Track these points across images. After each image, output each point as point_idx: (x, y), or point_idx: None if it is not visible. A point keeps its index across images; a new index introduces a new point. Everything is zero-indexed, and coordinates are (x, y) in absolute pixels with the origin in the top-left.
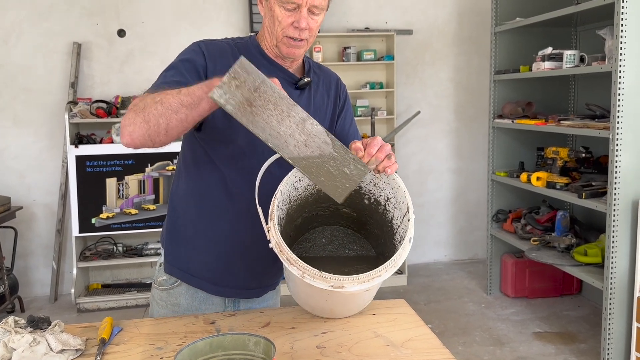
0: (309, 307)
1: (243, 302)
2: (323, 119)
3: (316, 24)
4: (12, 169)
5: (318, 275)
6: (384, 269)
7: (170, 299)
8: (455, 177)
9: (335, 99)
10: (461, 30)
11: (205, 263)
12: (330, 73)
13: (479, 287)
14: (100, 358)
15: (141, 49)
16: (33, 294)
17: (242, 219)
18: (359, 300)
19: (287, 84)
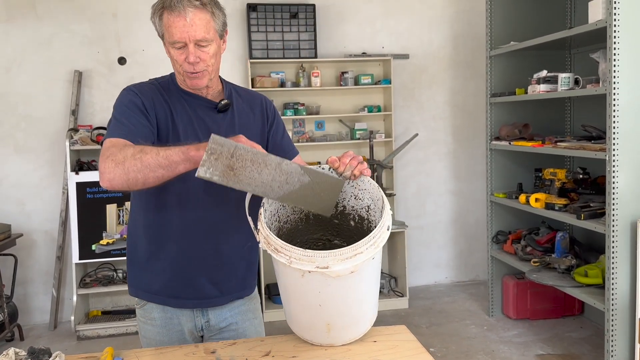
0: (306, 330)
1: (211, 310)
2: (251, 135)
3: (208, 55)
4: (13, 197)
5: (303, 256)
6: (364, 244)
7: (146, 314)
8: (454, 198)
9: (262, 116)
10: (457, 54)
11: (164, 282)
12: (255, 94)
13: (481, 309)
14: None
15: (141, 76)
16: (32, 321)
17: (190, 238)
18: (354, 309)
19: (207, 109)
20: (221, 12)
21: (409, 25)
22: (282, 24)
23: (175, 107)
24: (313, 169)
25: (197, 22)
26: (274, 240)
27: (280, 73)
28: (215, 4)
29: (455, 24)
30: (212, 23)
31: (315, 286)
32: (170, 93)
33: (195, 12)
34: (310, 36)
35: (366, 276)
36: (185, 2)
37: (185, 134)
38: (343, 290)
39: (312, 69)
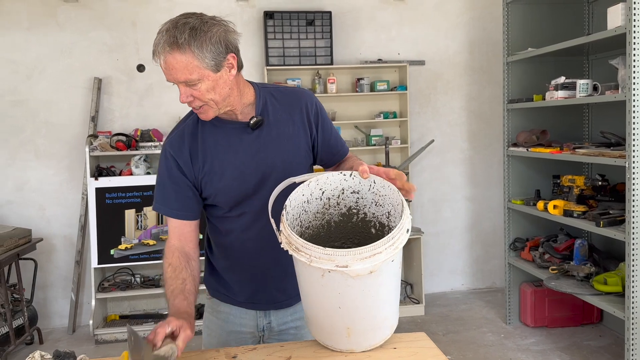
0: (326, 334)
1: (273, 313)
2: (292, 144)
3: (200, 92)
4: (33, 202)
5: (324, 254)
6: (382, 245)
7: (214, 306)
8: (470, 205)
9: (303, 121)
10: (472, 60)
11: (239, 289)
12: (295, 97)
13: (498, 316)
14: None
15: (159, 83)
16: (52, 325)
17: (253, 254)
18: (373, 313)
19: (239, 131)
20: (211, 44)
21: (425, 32)
22: (299, 31)
23: (209, 142)
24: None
25: (175, 65)
26: (295, 240)
27: (297, 80)
28: (198, 40)
29: (471, 30)
30: (194, 62)
31: (335, 286)
32: (204, 125)
33: (170, 56)
34: (326, 43)
35: (386, 279)
36: (160, 47)
37: (221, 168)
38: (363, 292)
39: (328, 75)
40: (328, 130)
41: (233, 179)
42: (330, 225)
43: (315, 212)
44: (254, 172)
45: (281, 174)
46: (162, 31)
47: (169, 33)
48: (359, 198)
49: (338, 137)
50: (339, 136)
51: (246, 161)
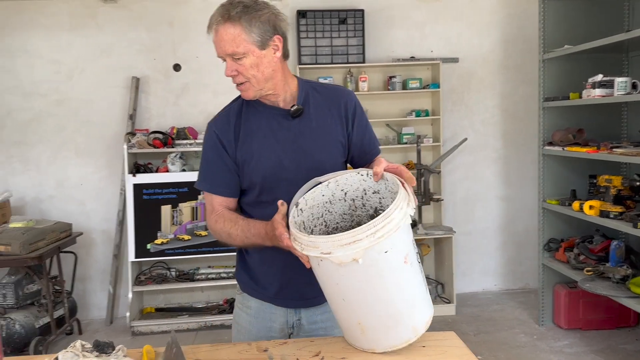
0: (345, 331)
1: (304, 310)
2: (327, 136)
3: (244, 67)
4: (74, 197)
5: (309, 242)
6: (362, 232)
7: (244, 301)
8: (504, 204)
9: (341, 117)
10: (507, 58)
11: (272, 284)
12: (336, 93)
13: (531, 317)
14: None
15: (195, 82)
16: (90, 316)
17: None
18: (378, 309)
19: (280, 117)
20: (260, 22)
21: (459, 30)
22: (331, 29)
23: (251, 124)
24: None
25: (225, 36)
26: (292, 230)
27: (329, 78)
28: (249, 15)
29: (506, 27)
30: (242, 35)
31: (330, 276)
32: (249, 108)
33: (221, 27)
34: (358, 41)
35: (385, 273)
36: (214, 19)
37: (259, 150)
38: (359, 283)
39: (359, 73)
40: (363, 129)
41: (269, 162)
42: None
43: (341, 213)
44: (289, 158)
45: (316, 163)
46: (219, 7)
47: (223, 8)
48: (381, 198)
49: (373, 137)
50: (373, 137)
51: (283, 147)
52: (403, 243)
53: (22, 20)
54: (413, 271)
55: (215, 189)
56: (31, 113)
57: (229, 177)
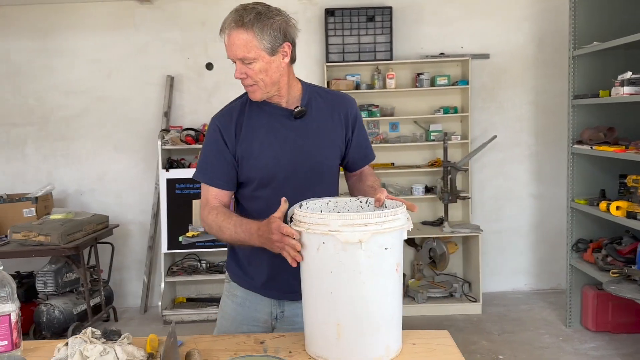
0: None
1: (287, 303)
2: (326, 139)
3: (253, 71)
4: (111, 191)
5: (319, 218)
6: (373, 217)
7: (231, 289)
8: (536, 203)
9: (342, 121)
10: (540, 53)
11: (259, 276)
12: (338, 98)
13: (559, 319)
14: None
15: (226, 81)
16: (126, 304)
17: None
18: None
19: (283, 117)
20: (271, 29)
21: (490, 25)
22: (359, 27)
23: (253, 121)
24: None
25: (237, 41)
26: (296, 214)
27: (356, 75)
28: (261, 22)
29: (539, 22)
30: (254, 42)
31: (327, 263)
32: (252, 106)
33: (234, 32)
34: (386, 38)
35: (377, 269)
36: (227, 23)
37: (260, 147)
38: (351, 275)
39: (387, 70)
40: (362, 135)
41: (267, 159)
42: None
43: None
44: (288, 157)
45: (314, 163)
46: (232, 11)
47: (237, 13)
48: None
49: (368, 143)
50: (369, 142)
51: (283, 145)
52: (399, 251)
53: (64, 21)
54: (399, 286)
55: (212, 181)
56: (73, 110)
57: (227, 171)
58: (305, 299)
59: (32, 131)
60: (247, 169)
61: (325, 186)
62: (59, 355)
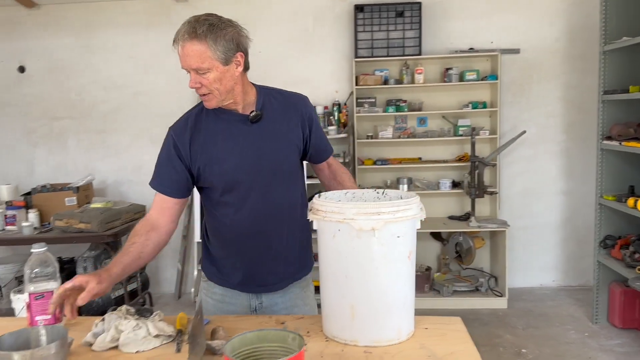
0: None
1: (265, 295)
2: (283, 140)
3: (208, 81)
4: (148, 182)
5: (334, 207)
6: (385, 206)
7: (209, 288)
8: (565, 199)
9: (297, 121)
10: (572, 48)
11: (231, 272)
12: (292, 99)
13: (585, 315)
14: (180, 344)
15: (257, 77)
16: (161, 291)
17: (246, 241)
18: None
19: (240, 122)
20: (224, 40)
21: (520, 20)
22: (388, 22)
23: (211, 129)
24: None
25: (191, 52)
26: (314, 203)
27: (384, 70)
28: (214, 33)
29: (571, 16)
30: (208, 53)
31: (342, 249)
32: (209, 114)
33: (188, 44)
34: (415, 34)
35: (390, 256)
36: (180, 35)
37: (219, 154)
38: (365, 260)
39: (416, 65)
40: (319, 132)
41: (229, 165)
42: None
43: None
44: (248, 161)
45: (274, 165)
46: (185, 23)
47: (190, 25)
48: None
49: (325, 138)
50: (325, 137)
51: (243, 150)
52: (411, 239)
53: (103, 19)
54: (411, 273)
55: (159, 187)
56: (112, 104)
57: (175, 179)
58: (322, 283)
59: (73, 124)
60: (210, 175)
61: (287, 185)
62: (96, 330)
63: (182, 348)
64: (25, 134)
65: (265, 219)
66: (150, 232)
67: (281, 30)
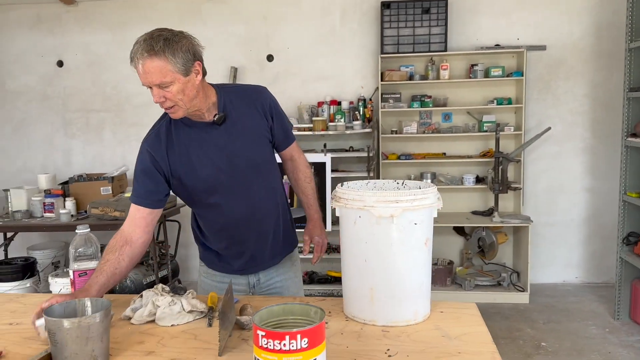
0: (353, 300)
1: (262, 272)
2: (253, 134)
3: (172, 93)
4: None
5: (356, 195)
6: (403, 195)
7: (208, 271)
8: (590, 196)
9: (261, 113)
10: (599, 45)
11: (224, 257)
12: (252, 93)
13: (607, 312)
14: (211, 319)
15: (285, 72)
16: (190, 278)
17: (232, 228)
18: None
19: (207, 127)
20: (181, 52)
21: (547, 16)
22: (414, 19)
23: (182, 139)
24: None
25: (151, 69)
26: (337, 191)
27: (410, 66)
28: (170, 47)
29: (599, 13)
30: (168, 67)
31: (363, 235)
32: (177, 125)
33: (148, 61)
34: (441, 30)
35: (407, 243)
36: (138, 54)
37: (198, 160)
38: (384, 246)
39: (441, 62)
40: (280, 119)
41: (207, 169)
42: None
43: None
44: (224, 162)
45: (249, 161)
46: (140, 41)
47: (145, 43)
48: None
49: (286, 125)
50: (287, 125)
51: (217, 153)
52: (428, 227)
53: (137, 15)
54: (428, 259)
55: (136, 200)
56: (145, 98)
57: (150, 190)
58: (343, 266)
59: (109, 117)
60: (191, 181)
61: (265, 175)
62: (134, 305)
63: (213, 323)
64: (63, 126)
65: (252, 210)
66: (124, 247)
67: (309, 26)
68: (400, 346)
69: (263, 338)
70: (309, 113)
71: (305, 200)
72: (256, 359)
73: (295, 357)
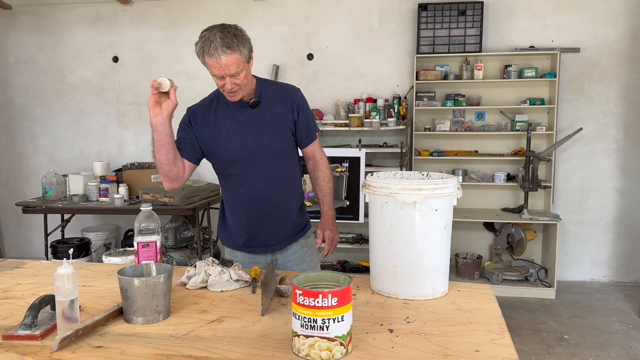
0: (377, 275)
1: (278, 253)
2: (277, 122)
3: (240, 80)
4: None
5: (383, 183)
6: (425, 184)
7: (232, 253)
8: (621, 197)
9: (288, 107)
10: (635, 48)
11: (243, 239)
12: (285, 89)
13: (633, 309)
14: (254, 287)
15: (324, 70)
16: None
17: (253, 211)
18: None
19: (242, 107)
20: (247, 43)
21: (582, 19)
22: (450, 20)
23: (219, 113)
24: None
25: (230, 62)
26: (367, 180)
27: (445, 66)
28: (240, 41)
29: (633, 17)
30: (241, 59)
31: (388, 218)
32: (219, 101)
33: (228, 56)
34: (476, 31)
35: (428, 226)
36: (219, 51)
37: (226, 132)
38: (407, 229)
39: (475, 62)
40: (305, 117)
41: (233, 142)
42: None
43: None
44: (249, 139)
45: (270, 142)
46: (216, 39)
47: (222, 40)
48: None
49: (312, 124)
50: (311, 124)
51: (245, 129)
52: (447, 213)
53: (187, 15)
54: (447, 241)
55: (179, 146)
56: (194, 93)
57: (188, 146)
58: (371, 246)
59: None
60: (218, 150)
61: (283, 160)
62: (188, 274)
63: (256, 291)
64: (117, 117)
65: (265, 189)
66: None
67: (348, 26)
68: (418, 315)
69: (300, 296)
70: (346, 110)
71: (322, 198)
72: (294, 314)
73: (326, 312)
